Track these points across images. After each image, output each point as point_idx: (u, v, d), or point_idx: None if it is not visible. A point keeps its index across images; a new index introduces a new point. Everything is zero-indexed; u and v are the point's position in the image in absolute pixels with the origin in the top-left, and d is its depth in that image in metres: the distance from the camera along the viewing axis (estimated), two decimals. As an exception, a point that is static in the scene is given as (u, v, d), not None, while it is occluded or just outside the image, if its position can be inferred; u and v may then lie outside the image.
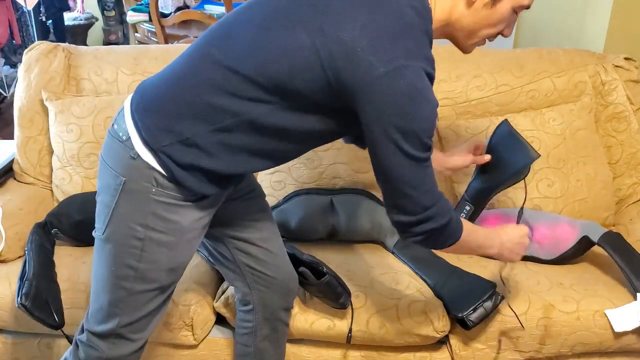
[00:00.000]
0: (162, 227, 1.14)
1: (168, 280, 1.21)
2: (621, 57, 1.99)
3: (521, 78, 1.95)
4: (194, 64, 1.11)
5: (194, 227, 1.19)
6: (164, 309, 1.27)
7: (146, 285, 1.19)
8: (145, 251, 1.15)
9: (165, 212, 1.13)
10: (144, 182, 1.11)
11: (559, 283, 1.61)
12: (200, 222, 1.20)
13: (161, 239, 1.15)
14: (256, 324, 1.47)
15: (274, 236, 1.42)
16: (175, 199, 1.13)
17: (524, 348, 1.54)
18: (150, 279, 1.18)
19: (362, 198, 1.81)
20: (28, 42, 4.38)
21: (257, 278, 1.41)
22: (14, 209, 1.80)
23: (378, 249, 1.79)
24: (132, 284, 1.17)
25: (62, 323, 1.52)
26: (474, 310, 1.47)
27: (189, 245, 1.21)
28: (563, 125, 1.86)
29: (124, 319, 1.21)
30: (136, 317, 1.22)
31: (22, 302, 1.46)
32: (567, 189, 1.82)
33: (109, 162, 1.15)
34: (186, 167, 1.10)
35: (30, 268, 1.57)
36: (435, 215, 1.12)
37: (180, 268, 1.23)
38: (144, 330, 1.25)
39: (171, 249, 1.17)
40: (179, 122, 1.09)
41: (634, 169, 1.95)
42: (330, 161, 1.84)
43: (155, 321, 1.27)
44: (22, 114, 1.96)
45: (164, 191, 1.12)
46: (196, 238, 1.22)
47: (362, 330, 1.53)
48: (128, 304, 1.20)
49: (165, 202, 1.12)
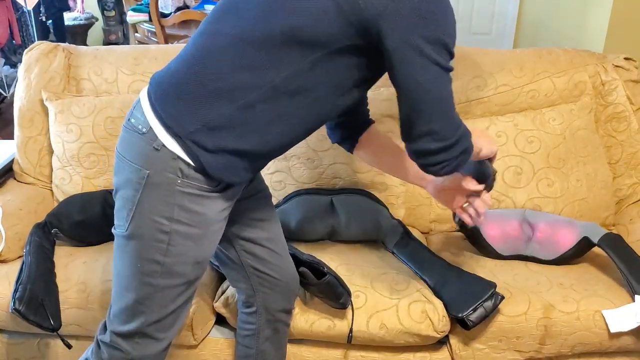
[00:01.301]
0: (188, 219, 1.13)
1: (194, 275, 1.20)
2: (621, 57, 1.99)
3: (521, 78, 1.96)
4: (206, 44, 1.09)
5: (219, 219, 1.18)
6: (188, 306, 1.25)
7: (173, 280, 1.17)
8: (171, 245, 1.13)
9: (191, 203, 1.12)
10: (168, 174, 1.09)
11: (559, 283, 1.61)
12: (223, 213, 1.19)
13: (187, 232, 1.14)
14: (258, 326, 1.47)
15: (279, 237, 1.42)
16: (200, 189, 1.12)
17: (524, 348, 1.54)
18: (177, 274, 1.17)
19: (362, 198, 1.81)
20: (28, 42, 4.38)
21: (261, 280, 1.41)
22: (14, 209, 1.80)
23: (378, 249, 1.79)
24: (159, 279, 1.16)
25: (58, 326, 1.52)
26: (474, 310, 1.47)
27: (214, 237, 1.20)
28: (563, 125, 1.87)
29: (151, 316, 1.19)
30: (163, 315, 1.20)
31: (15, 307, 1.46)
32: (567, 189, 1.82)
33: (128, 156, 1.12)
34: (214, 151, 1.09)
35: (26, 271, 1.58)
36: (463, 135, 1.13)
37: (205, 261, 1.21)
38: (170, 329, 1.24)
39: (197, 241, 1.16)
40: (202, 106, 1.08)
41: (634, 169, 1.95)
42: (330, 161, 1.84)
43: (181, 320, 1.25)
44: (22, 114, 1.97)
45: (190, 182, 1.10)
46: (220, 230, 1.21)
47: (362, 331, 1.53)
48: (155, 301, 1.18)
49: (191, 193, 1.11)
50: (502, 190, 1.81)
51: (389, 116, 1.85)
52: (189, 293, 1.23)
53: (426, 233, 1.94)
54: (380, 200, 1.83)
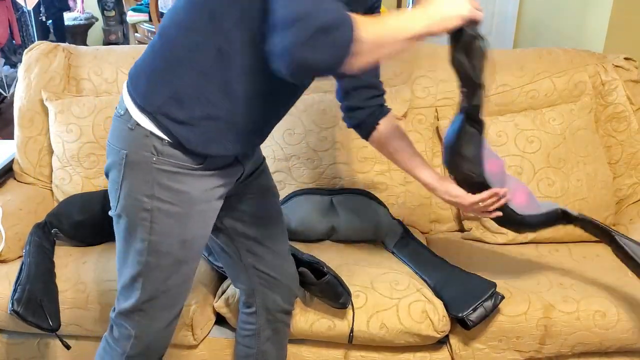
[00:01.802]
0: (168, 197, 1.13)
1: (183, 254, 1.20)
2: (621, 57, 1.99)
3: (521, 78, 1.96)
4: (165, 21, 1.12)
5: (206, 198, 1.17)
6: (186, 288, 1.26)
7: (161, 259, 1.18)
8: (154, 222, 1.14)
9: (170, 181, 1.12)
10: (144, 152, 1.11)
11: (559, 283, 1.61)
12: (212, 193, 1.18)
13: (169, 210, 1.14)
14: (259, 326, 1.47)
15: (281, 237, 1.42)
16: (178, 167, 1.12)
17: (524, 348, 1.54)
18: (164, 252, 1.17)
19: (362, 198, 1.81)
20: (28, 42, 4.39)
21: (261, 280, 1.41)
22: (14, 209, 1.80)
23: (378, 249, 1.79)
24: (147, 257, 1.17)
25: (57, 326, 1.52)
26: (474, 310, 1.47)
27: (202, 217, 1.19)
28: (563, 125, 1.87)
29: (145, 294, 1.21)
30: (156, 293, 1.21)
31: (13, 309, 1.47)
32: (568, 189, 1.82)
33: (111, 140, 1.16)
34: (187, 122, 1.09)
35: (25, 271, 1.58)
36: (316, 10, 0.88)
37: (195, 242, 1.20)
38: (168, 309, 1.25)
39: (180, 219, 1.16)
40: (166, 78, 1.09)
41: (634, 169, 1.95)
42: (330, 161, 1.84)
43: (179, 302, 1.26)
44: (22, 114, 1.97)
45: (165, 159, 1.11)
46: (211, 211, 1.20)
47: (362, 331, 1.53)
48: (147, 279, 1.20)
49: (168, 170, 1.12)
50: (502, 190, 1.81)
51: (389, 116, 1.86)
52: (183, 274, 1.22)
53: (426, 233, 1.94)
54: (380, 200, 1.83)
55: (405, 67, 1.97)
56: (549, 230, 1.80)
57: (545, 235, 1.81)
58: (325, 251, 1.75)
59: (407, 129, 1.92)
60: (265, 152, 1.88)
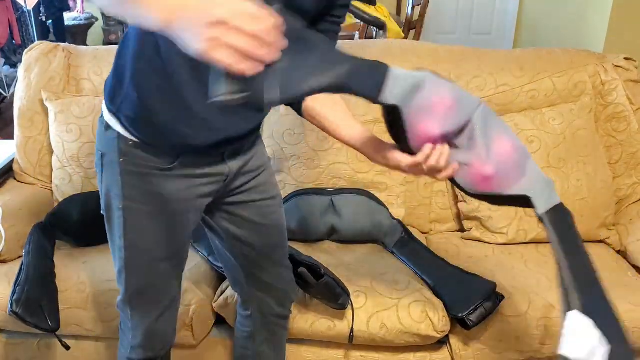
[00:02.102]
0: (139, 197, 1.14)
1: (159, 252, 1.20)
2: (621, 57, 1.99)
3: (521, 78, 1.95)
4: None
5: (180, 198, 1.16)
6: (173, 284, 1.27)
7: (138, 255, 1.20)
8: (128, 221, 1.16)
9: (140, 182, 1.13)
10: (113, 153, 1.12)
11: (559, 283, 1.61)
12: (188, 193, 1.17)
13: (141, 209, 1.15)
14: (254, 329, 1.46)
15: (279, 245, 1.39)
16: (147, 168, 1.12)
17: (524, 348, 1.54)
18: (140, 250, 1.19)
19: (362, 198, 1.81)
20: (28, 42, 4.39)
21: (257, 285, 1.40)
22: (14, 209, 1.80)
23: (378, 249, 1.79)
24: (126, 253, 1.19)
25: (56, 327, 1.52)
26: (474, 310, 1.47)
27: (178, 217, 1.19)
28: (563, 125, 1.87)
29: (128, 288, 1.24)
30: (140, 287, 1.24)
31: (12, 310, 1.48)
32: (568, 189, 1.82)
33: (95, 142, 1.19)
34: (138, 119, 1.09)
35: (24, 272, 1.58)
36: None
37: (171, 240, 1.21)
38: (154, 302, 1.27)
39: (153, 219, 1.16)
40: (119, 76, 1.10)
41: (634, 169, 1.95)
42: (330, 161, 1.84)
43: (166, 297, 1.27)
44: (22, 114, 1.96)
45: (133, 160, 1.12)
46: (188, 211, 1.20)
47: (362, 331, 1.53)
48: (128, 274, 1.22)
49: (136, 171, 1.12)
50: (502, 190, 1.81)
51: (389, 116, 1.86)
52: (164, 271, 1.23)
53: (426, 233, 1.94)
54: (380, 200, 1.83)
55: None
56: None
57: (545, 235, 1.81)
58: (326, 251, 1.75)
59: (407, 129, 1.92)
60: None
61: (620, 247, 1.85)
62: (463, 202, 1.89)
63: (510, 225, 1.81)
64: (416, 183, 1.91)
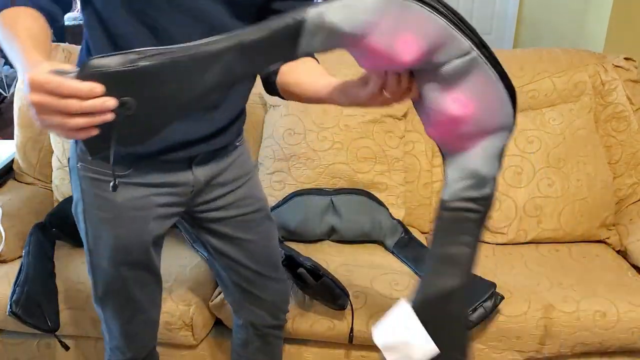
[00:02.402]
0: (95, 203, 1.14)
1: (118, 259, 1.18)
2: (621, 57, 1.99)
3: (521, 78, 1.95)
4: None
5: (136, 206, 1.14)
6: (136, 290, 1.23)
7: (99, 260, 1.19)
8: (88, 226, 1.17)
9: (94, 188, 1.13)
10: (74, 159, 1.14)
11: (559, 283, 1.61)
12: (145, 202, 1.14)
13: (98, 215, 1.15)
14: (247, 337, 1.44)
15: (267, 258, 1.34)
16: (101, 174, 1.11)
17: (524, 348, 1.54)
18: (100, 255, 1.18)
19: (362, 198, 1.81)
20: (28, 42, 4.37)
21: (246, 296, 1.37)
22: (14, 209, 1.80)
23: (378, 249, 1.79)
24: (90, 257, 1.20)
25: (55, 327, 1.52)
26: (473, 311, 1.47)
27: (134, 225, 1.16)
28: (563, 125, 1.87)
29: (97, 290, 1.23)
30: (105, 291, 1.22)
31: (12, 310, 1.48)
32: (568, 189, 1.82)
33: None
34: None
35: (24, 272, 1.58)
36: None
37: (128, 248, 1.18)
38: (122, 306, 1.24)
39: (110, 225, 1.15)
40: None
41: (634, 169, 1.95)
42: (330, 161, 1.84)
43: (132, 301, 1.24)
44: (22, 114, 1.96)
45: (88, 166, 1.12)
46: (147, 221, 1.16)
47: (362, 331, 1.53)
48: (94, 276, 1.22)
49: (91, 177, 1.12)
50: (502, 189, 1.81)
51: (390, 116, 1.85)
52: (125, 277, 1.20)
53: (426, 233, 1.94)
54: (380, 200, 1.83)
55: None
56: (549, 230, 1.81)
57: (546, 235, 1.81)
58: (325, 251, 1.75)
59: (407, 129, 1.92)
60: (265, 152, 1.88)
61: (620, 247, 1.85)
62: (463, 202, 1.89)
63: (510, 225, 1.81)
64: (416, 183, 1.91)
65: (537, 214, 1.80)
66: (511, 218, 1.81)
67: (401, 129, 1.88)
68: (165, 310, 1.54)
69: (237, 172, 1.24)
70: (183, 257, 1.73)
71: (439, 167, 1.95)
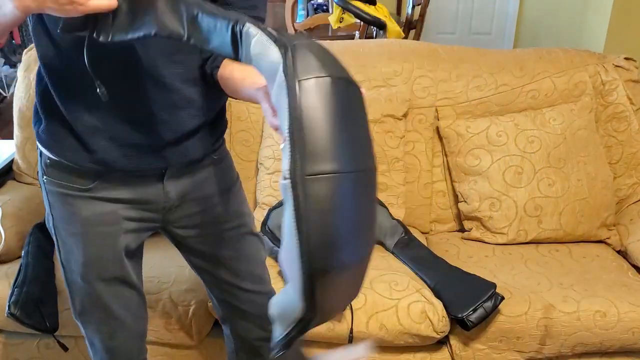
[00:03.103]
0: (63, 217, 1.13)
1: (89, 274, 1.15)
2: (621, 57, 1.99)
3: (521, 78, 1.95)
4: None
5: (102, 221, 1.11)
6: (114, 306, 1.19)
7: (72, 275, 1.17)
8: (59, 240, 1.16)
9: (61, 202, 1.11)
10: (41, 172, 1.13)
11: (559, 283, 1.61)
12: (111, 217, 1.11)
13: (67, 229, 1.13)
14: (235, 347, 1.40)
15: (250, 272, 1.29)
16: (66, 188, 1.10)
17: (524, 348, 1.54)
18: (72, 270, 1.16)
19: (362, 198, 1.81)
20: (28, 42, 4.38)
21: (231, 310, 1.33)
22: (14, 209, 1.80)
23: (378, 249, 1.79)
24: (64, 272, 1.18)
25: (54, 328, 1.52)
26: (474, 311, 1.47)
27: (102, 240, 1.13)
28: (563, 125, 1.86)
29: (75, 305, 1.21)
30: (83, 306, 1.20)
31: (10, 312, 1.48)
32: (568, 189, 1.82)
33: None
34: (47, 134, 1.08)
35: (22, 273, 1.58)
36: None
37: (98, 263, 1.14)
38: (102, 321, 1.20)
39: (78, 239, 1.13)
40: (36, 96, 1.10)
41: (634, 169, 1.95)
42: (330, 161, 1.83)
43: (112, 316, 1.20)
44: (21, 114, 1.96)
45: (53, 180, 1.10)
46: (117, 235, 1.13)
47: (362, 331, 1.53)
48: (71, 292, 1.20)
49: (57, 191, 1.11)
50: (503, 189, 1.81)
51: (390, 116, 1.85)
52: (99, 293, 1.17)
53: (426, 233, 1.94)
54: (380, 200, 1.83)
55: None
56: (549, 230, 1.81)
57: (545, 235, 1.81)
58: (325, 251, 1.75)
59: (407, 129, 1.92)
60: (265, 152, 1.87)
61: (621, 247, 1.84)
62: (463, 203, 1.89)
63: (510, 226, 1.81)
64: (416, 183, 1.91)
65: (537, 214, 1.80)
66: (511, 218, 1.81)
67: (401, 129, 1.88)
68: (164, 311, 1.54)
69: (214, 188, 1.19)
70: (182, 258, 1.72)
71: (439, 167, 1.95)
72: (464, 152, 1.87)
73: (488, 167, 1.83)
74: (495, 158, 1.83)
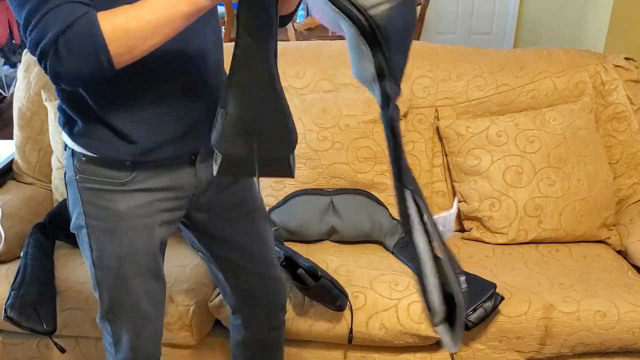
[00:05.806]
0: (97, 214, 1.13)
1: (124, 270, 1.17)
2: (621, 57, 1.99)
3: (521, 78, 1.95)
4: None
5: (137, 214, 1.13)
6: (144, 302, 1.22)
7: (105, 273, 1.17)
8: (92, 238, 1.15)
9: (95, 198, 1.12)
10: (72, 171, 1.13)
11: (559, 283, 1.61)
12: (146, 210, 1.14)
13: (100, 226, 1.14)
14: (245, 338, 1.44)
15: (262, 259, 1.34)
16: (102, 184, 1.11)
17: (524, 348, 1.54)
18: (105, 267, 1.17)
19: (362, 198, 1.81)
20: (28, 42, 4.37)
21: (244, 298, 1.37)
22: (14, 209, 1.80)
23: (378, 249, 1.79)
24: (95, 271, 1.18)
25: (52, 330, 1.51)
26: (474, 311, 1.47)
27: (138, 233, 1.15)
28: (564, 125, 1.86)
29: (103, 305, 1.21)
30: (112, 305, 1.21)
31: (6, 315, 1.47)
32: (568, 189, 1.82)
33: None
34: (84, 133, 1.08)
35: (20, 275, 1.58)
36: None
37: (134, 257, 1.17)
38: (130, 320, 1.22)
39: (112, 235, 1.14)
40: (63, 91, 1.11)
41: (634, 169, 1.95)
42: (330, 161, 1.84)
43: (140, 313, 1.22)
44: (21, 114, 1.96)
45: (88, 177, 1.11)
46: (152, 227, 1.16)
47: (361, 331, 1.53)
48: (101, 291, 1.20)
49: (91, 188, 1.11)
50: (503, 189, 1.81)
51: (389, 116, 1.85)
52: (132, 289, 1.19)
53: (426, 233, 1.94)
54: (380, 200, 1.83)
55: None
56: (550, 230, 1.81)
57: (546, 235, 1.81)
58: (325, 251, 1.75)
59: (407, 129, 1.92)
60: (265, 152, 1.87)
61: (621, 247, 1.84)
62: (463, 203, 1.89)
63: (510, 226, 1.81)
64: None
65: (537, 214, 1.80)
66: (511, 218, 1.81)
67: (401, 129, 1.88)
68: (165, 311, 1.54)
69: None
70: (183, 257, 1.73)
71: (439, 167, 1.95)
72: (464, 152, 1.87)
73: (488, 167, 1.83)
74: (495, 158, 1.83)
